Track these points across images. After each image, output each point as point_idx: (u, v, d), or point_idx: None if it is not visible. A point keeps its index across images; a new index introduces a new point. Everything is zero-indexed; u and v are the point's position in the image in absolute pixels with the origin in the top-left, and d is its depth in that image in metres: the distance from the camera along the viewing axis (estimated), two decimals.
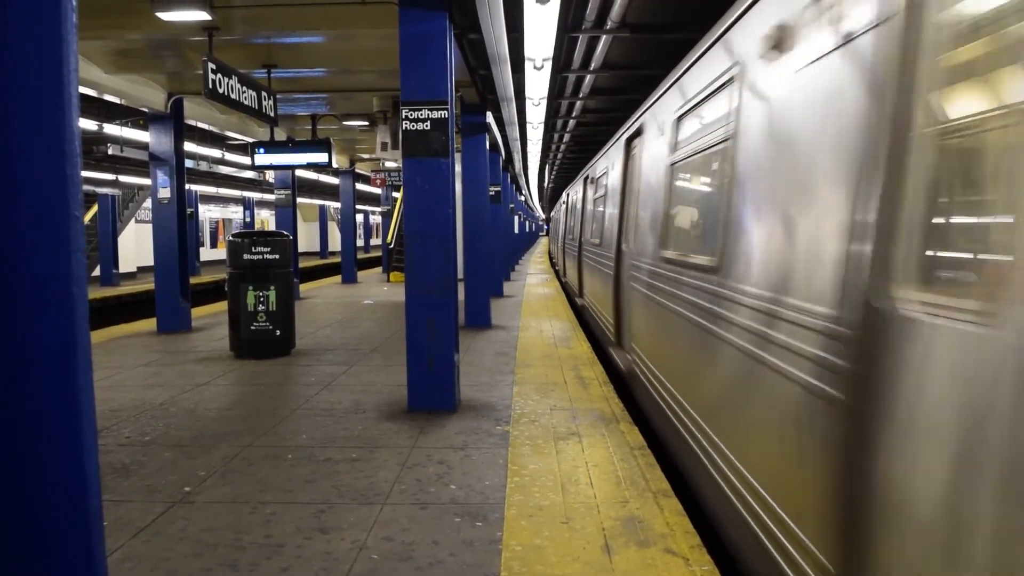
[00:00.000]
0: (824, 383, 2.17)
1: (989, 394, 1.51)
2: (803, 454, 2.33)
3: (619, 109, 12.85)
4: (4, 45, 1.40)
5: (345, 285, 17.86)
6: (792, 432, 2.44)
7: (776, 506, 2.55)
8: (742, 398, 3.05)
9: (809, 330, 2.31)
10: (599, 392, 6.05)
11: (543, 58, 7.32)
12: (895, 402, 1.83)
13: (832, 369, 2.13)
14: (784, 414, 2.51)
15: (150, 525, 3.40)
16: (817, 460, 2.21)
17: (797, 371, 2.38)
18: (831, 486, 2.12)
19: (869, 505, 1.93)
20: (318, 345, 8.56)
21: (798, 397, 2.37)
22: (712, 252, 3.60)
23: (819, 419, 2.21)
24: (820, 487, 2.19)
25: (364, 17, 6.59)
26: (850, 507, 2.01)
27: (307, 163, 11.07)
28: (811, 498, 2.26)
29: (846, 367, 2.05)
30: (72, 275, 1.49)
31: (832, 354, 2.14)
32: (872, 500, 1.91)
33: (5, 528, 1.47)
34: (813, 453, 2.25)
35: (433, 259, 5.39)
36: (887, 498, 1.85)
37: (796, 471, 2.40)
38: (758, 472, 2.79)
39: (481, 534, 3.28)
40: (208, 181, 26.18)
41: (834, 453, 2.11)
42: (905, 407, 1.79)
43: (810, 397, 2.28)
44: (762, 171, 3.00)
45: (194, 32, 7.12)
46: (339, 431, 4.94)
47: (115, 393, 6.06)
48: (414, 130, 5.30)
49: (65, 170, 1.45)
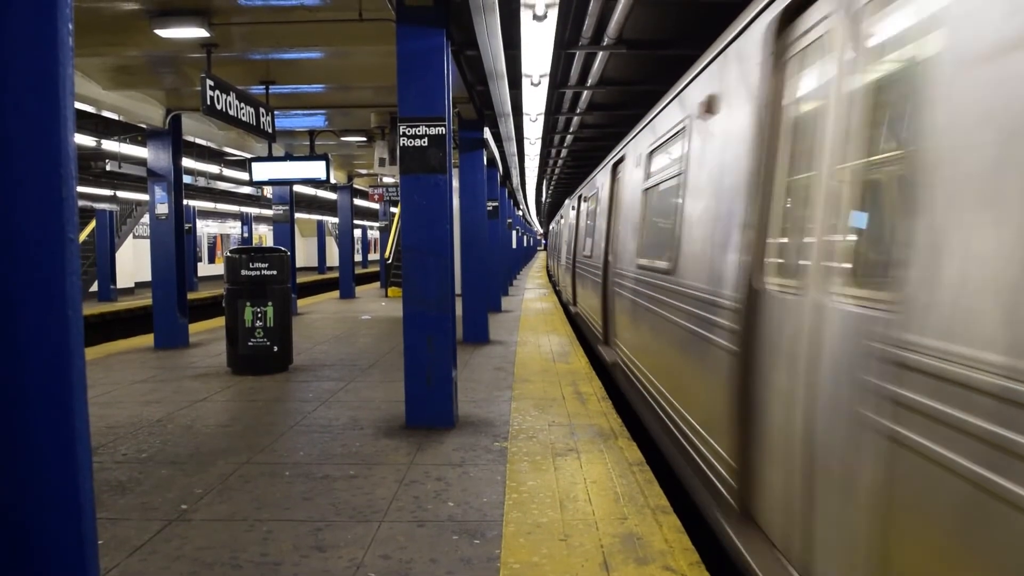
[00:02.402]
0: (728, 342, 3.30)
1: (804, 335, 2.55)
2: (717, 391, 3.45)
3: (616, 125, 12.89)
4: (0, 67, 1.40)
5: (343, 300, 17.85)
6: (710, 377, 3.59)
7: (698, 426, 3.85)
8: (684, 361, 4.25)
9: (721, 307, 3.45)
10: (597, 408, 6.03)
11: (540, 74, 7.35)
12: (764, 347, 2.98)
13: (732, 331, 3.25)
14: (706, 367, 3.69)
15: (146, 543, 3.38)
16: (725, 393, 3.31)
17: (715, 336, 3.52)
18: (733, 409, 3.21)
19: (752, 419, 3.08)
20: (316, 361, 8.54)
21: (715, 354, 3.51)
22: (669, 258, 4.74)
23: (725, 366, 3.32)
24: (727, 410, 3.29)
25: (362, 34, 6.61)
26: (743, 421, 3.16)
27: (305, 178, 11.07)
28: (720, 416, 3.42)
29: (739, 329, 3.18)
30: (67, 298, 1.48)
31: (731, 321, 3.28)
32: (754, 415, 3.06)
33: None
34: (722, 390, 3.35)
35: (431, 275, 5.40)
36: (761, 412, 2.97)
37: (713, 402, 3.55)
38: (690, 406, 4.08)
39: (479, 552, 3.26)
40: (206, 197, 26.21)
41: (734, 389, 3.20)
42: (768, 349, 2.93)
43: (721, 352, 3.41)
44: (699, 196, 4.16)
45: (192, 49, 7.15)
46: (337, 448, 4.92)
47: (112, 410, 6.04)
48: (412, 146, 5.32)
49: (60, 192, 1.45)
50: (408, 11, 5.24)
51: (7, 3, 1.41)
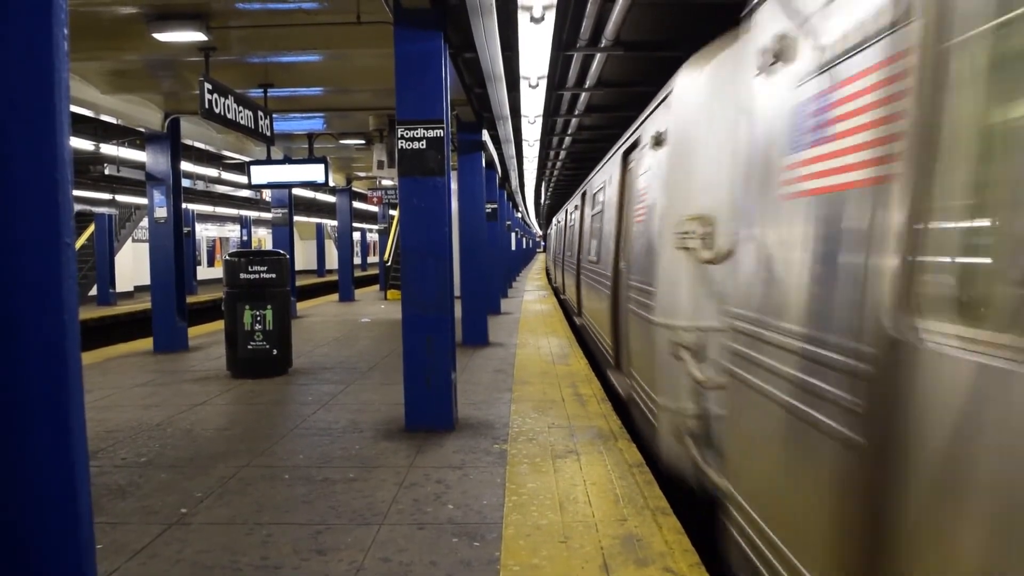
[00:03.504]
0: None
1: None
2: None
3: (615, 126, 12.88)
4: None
5: (342, 303, 17.85)
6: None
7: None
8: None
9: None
10: (597, 409, 6.03)
11: (538, 76, 7.35)
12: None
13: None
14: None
15: (146, 547, 3.37)
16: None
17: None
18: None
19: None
20: (315, 364, 8.54)
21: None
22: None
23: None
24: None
25: (360, 37, 6.62)
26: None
27: (304, 182, 11.09)
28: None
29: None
30: (64, 303, 1.48)
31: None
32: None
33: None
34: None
35: (430, 277, 5.40)
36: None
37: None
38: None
39: (479, 554, 3.26)
40: (205, 200, 26.20)
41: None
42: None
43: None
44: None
45: (191, 52, 7.15)
46: (336, 451, 4.92)
47: (112, 414, 6.03)
48: (410, 149, 5.32)
49: (56, 198, 1.45)
50: (406, 14, 5.25)
51: (2, 9, 1.41)
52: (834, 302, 2.08)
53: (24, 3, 1.44)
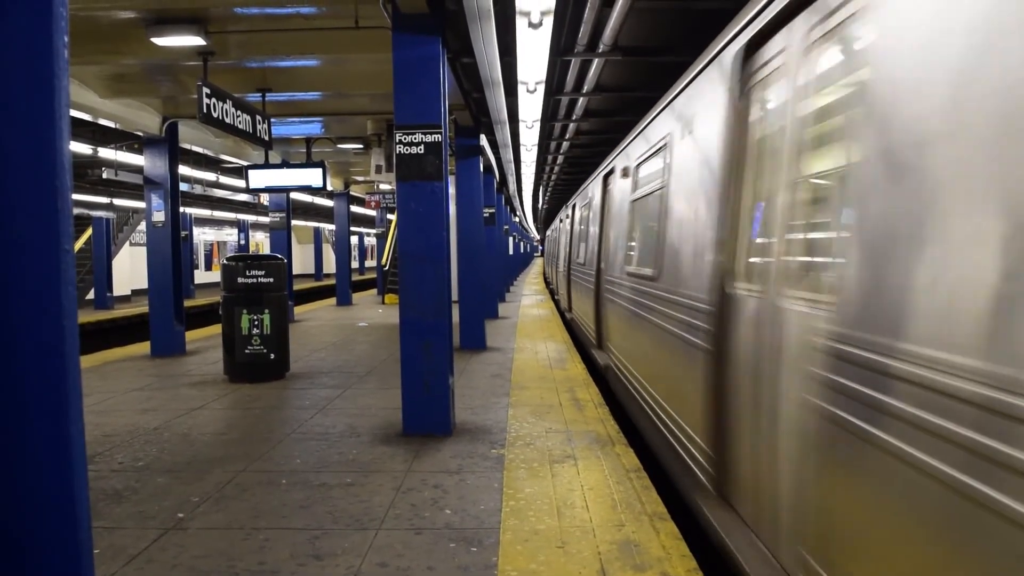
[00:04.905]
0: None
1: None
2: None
3: (612, 131, 12.91)
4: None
5: (340, 307, 17.83)
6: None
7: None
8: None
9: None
10: (594, 414, 6.03)
11: (536, 81, 7.37)
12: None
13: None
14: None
15: (143, 552, 3.37)
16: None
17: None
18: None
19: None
20: (313, 368, 8.54)
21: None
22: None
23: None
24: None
25: (358, 42, 6.63)
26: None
27: (301, 186, 11.08)
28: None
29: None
30: (62, 308, 1.48)
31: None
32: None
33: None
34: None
35: (427, 281, 5.40)
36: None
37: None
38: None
39: (476, 559, 3.25)
40: (203, 204, 26.22)
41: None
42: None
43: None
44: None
45: (189, 57, 7.16)
46: (334, 455, 4.91)
47: (109, 418, 6.02)
48: (408, 154, 5.33)
49: (56, 203, 1.46)
50: (404, 19, 5.26)
51: (2, 14, 1.42)
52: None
53: (24, 9, 1.45)
